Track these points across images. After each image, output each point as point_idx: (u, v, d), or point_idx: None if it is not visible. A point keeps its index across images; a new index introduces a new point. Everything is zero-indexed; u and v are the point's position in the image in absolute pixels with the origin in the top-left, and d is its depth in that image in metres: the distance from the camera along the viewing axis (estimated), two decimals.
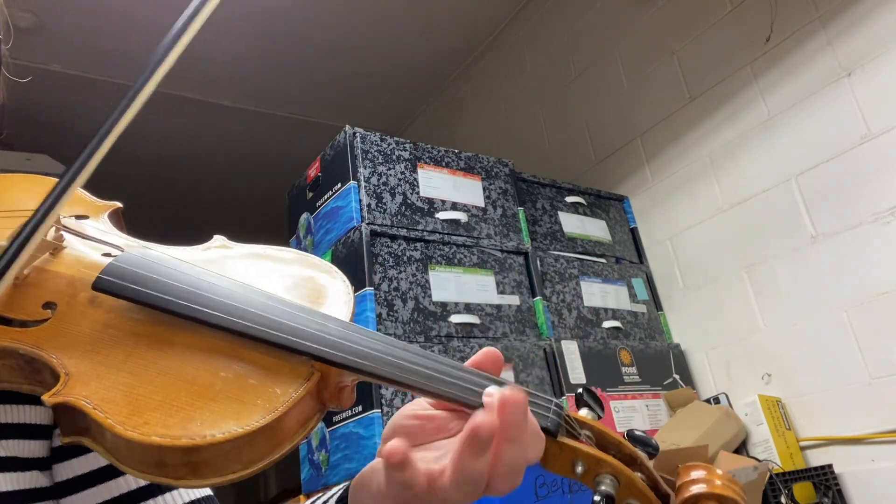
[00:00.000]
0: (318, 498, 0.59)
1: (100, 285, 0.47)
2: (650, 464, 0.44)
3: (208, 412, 0.40)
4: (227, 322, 0.45)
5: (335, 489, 0.59)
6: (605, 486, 0.43)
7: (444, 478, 0.40)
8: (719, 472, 0.43)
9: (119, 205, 0.59)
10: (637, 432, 0.46)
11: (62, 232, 0.53)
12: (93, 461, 0.58)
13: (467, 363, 0.48)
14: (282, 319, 0.46)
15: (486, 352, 0.48)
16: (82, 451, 0.58)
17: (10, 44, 0.58)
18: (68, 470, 0.57)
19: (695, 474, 0.43)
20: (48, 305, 0.47)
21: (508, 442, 0.40)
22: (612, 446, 0.45)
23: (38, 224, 0.41)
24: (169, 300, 0.46)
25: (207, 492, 0.62)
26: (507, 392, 0.40)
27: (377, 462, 0.47)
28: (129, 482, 0.58)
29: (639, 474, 0.44)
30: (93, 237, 0.54)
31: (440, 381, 0.45)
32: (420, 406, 0.47)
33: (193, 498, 0.61)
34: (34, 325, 0.46)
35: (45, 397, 0.41)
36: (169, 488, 0.59)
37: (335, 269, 0.56)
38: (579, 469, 0.44)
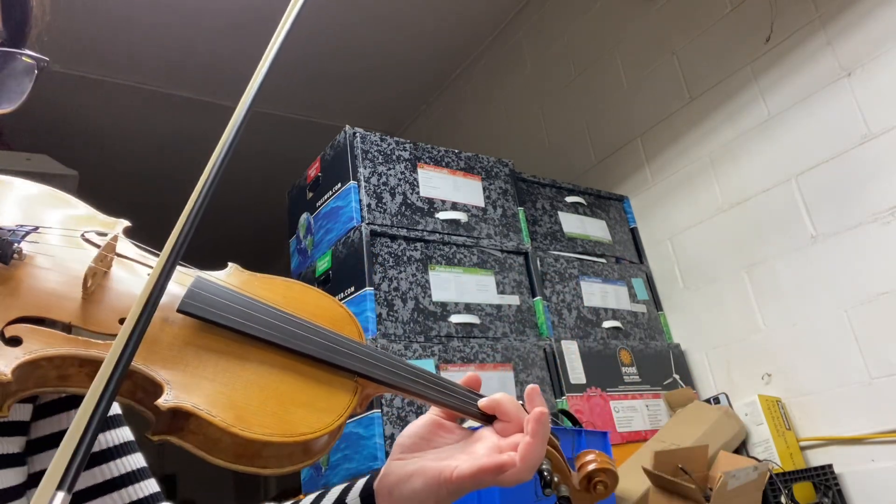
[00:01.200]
0: (328, 492, 0.64)
1: (186, 309, 0.53)
2: (561, 451, 0.63)
3: (295, 415, 0.51)
4: (297, 346, 0.55)
5: (342, 487, 0.63)
6: (545, 465, 0.61)
7: (516, 465, 0.54)
8: (600, 453, 0.64)
9: (128, 223, 0.62)
10: None
11: (114, 254, 0.56)
12: (65, 422, 0.62)
13: (460, 382, 0.64)
14: (331, 344, 0.57)
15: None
16: (55, 411, 0.62)
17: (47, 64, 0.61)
18: (43, 428, 0.61)
19: (588, 457, 0.63)
20: (124, 321, 0.50)
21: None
22: None
23: (166, 279, 0.44)
24: (247, 325, 0.55)
25: (151, 481, 0.68)
26: (538, 410, 0.57)
27: (402, 469, 0.59)
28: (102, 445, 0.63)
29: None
30: (133, 258, 0.58)
31: (450, 396, 0.61)
32: (429, 419, 0.63)
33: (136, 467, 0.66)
34: (113, 338, 0.49)
35: (158, 402, 0.47)
36: (115, 456, 0.64)
37: (336, 300, 0.66)
38: None
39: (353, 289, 1.60)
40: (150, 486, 0.66)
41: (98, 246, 0.55)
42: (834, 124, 1.81)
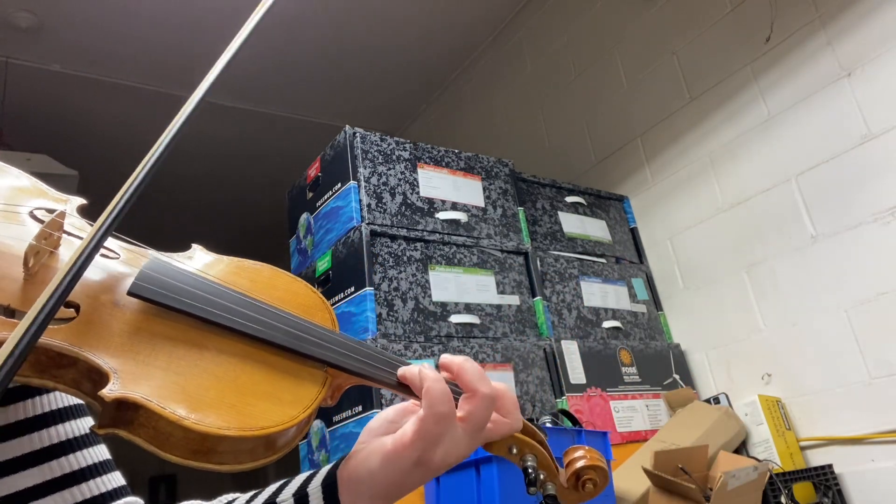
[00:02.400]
0: (291, 480, 0.61)
1: (137, 291, 0.49)
2: (548, 446, 0.60)
3: (256, 408, 0.47)
4: (260, 332, 0.51)
5: (306, 475, 0.60)
6: (530, 462, 0.58)
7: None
8: (590, 449, 0.60)
9: (83, 200, 0.59)
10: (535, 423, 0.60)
11: (62, 232, 0.52)
12: (21, 412, 0.58)
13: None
14: (297, 331, 0.53)
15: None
16: (9, 401, 0.58)
17: None
18: None
19: (577, 454, 0.60)
20: (70, 305, 0.48)
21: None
22: (531, 434, 0.60)
23: (94, 249, 0.42)
24: (205, 309, 0.51)
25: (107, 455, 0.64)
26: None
27: (363, 451, 0.55)
28: (44, 439, 0.59)
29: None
30: (82, 237, 0.54)
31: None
32: (404, 403, 0.59)
33: (101, 459, 0.63)
34: (59, 323, 0.47)
35: (102, 392, 0.43)
36: (75, 449, 0.60)
37: (308, 284, 0.62)
38: (514, 451, 0.58)
39: (353, 289, 1.60)
40: (115, 479, 0.63)
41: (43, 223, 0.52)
42: (834, 124, 1.81)
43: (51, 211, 0.53)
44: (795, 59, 1.92)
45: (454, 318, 1.66)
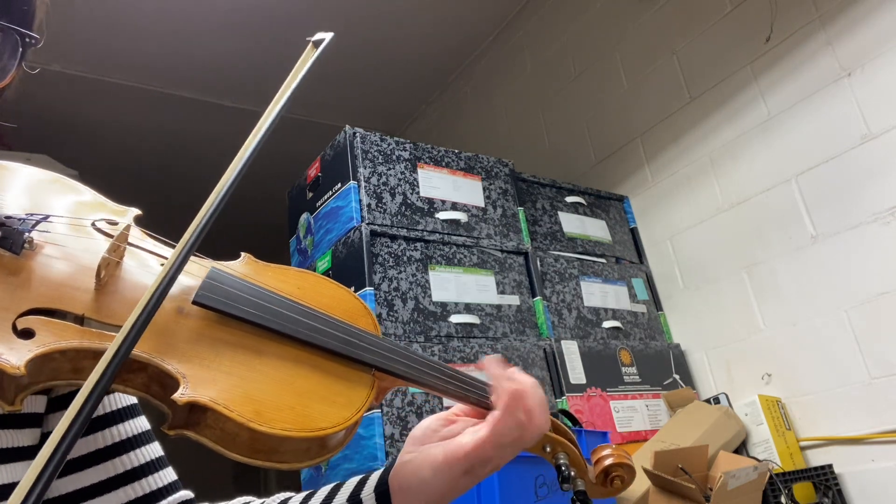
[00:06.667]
0: (343, 484, 0.64)
1: (201, 300, 0.52)
2: (578, 444, 0.64)
3: (314, 410, 0.50)
4: (315, 339, 0.54)
5: (357, 480, 0.62)
6: (563, 459, 0.62)
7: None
8: (617, 447, 0.64)
9: (138, 211, 0.61)
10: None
11: (125, 244, 0.55)
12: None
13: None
14: (349, 337, 0.56)
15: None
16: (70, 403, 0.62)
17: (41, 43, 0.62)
18: (58, 421, 0.61)
19: (605, 452, 0.64)
20: None
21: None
22: (563, 434, 0.64)
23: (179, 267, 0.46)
24: (264, 317, 0.54)
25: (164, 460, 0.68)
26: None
27: (411, 461, 0.59)
28: (106, 438, 0.62)
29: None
30: (145, 248, 0.57)
31: (468, 389, 0.60)
32: (446, 412, 0.63)
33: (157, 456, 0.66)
34: None
35: (174, 397, 0.47)
36: (133, 447, 0.64)
37: (351, 291, 0.65)
38: (548, 449, 0.62)
39: (353, 289, 1.60)
40: (168, 475, 0.66)
41: (109, 235, 0.54)
42: (834, 124, 1.81)
43: (111, 222, 0.56)
44: (795, 59, 1.92)
45: (454, 318, 1.66)
